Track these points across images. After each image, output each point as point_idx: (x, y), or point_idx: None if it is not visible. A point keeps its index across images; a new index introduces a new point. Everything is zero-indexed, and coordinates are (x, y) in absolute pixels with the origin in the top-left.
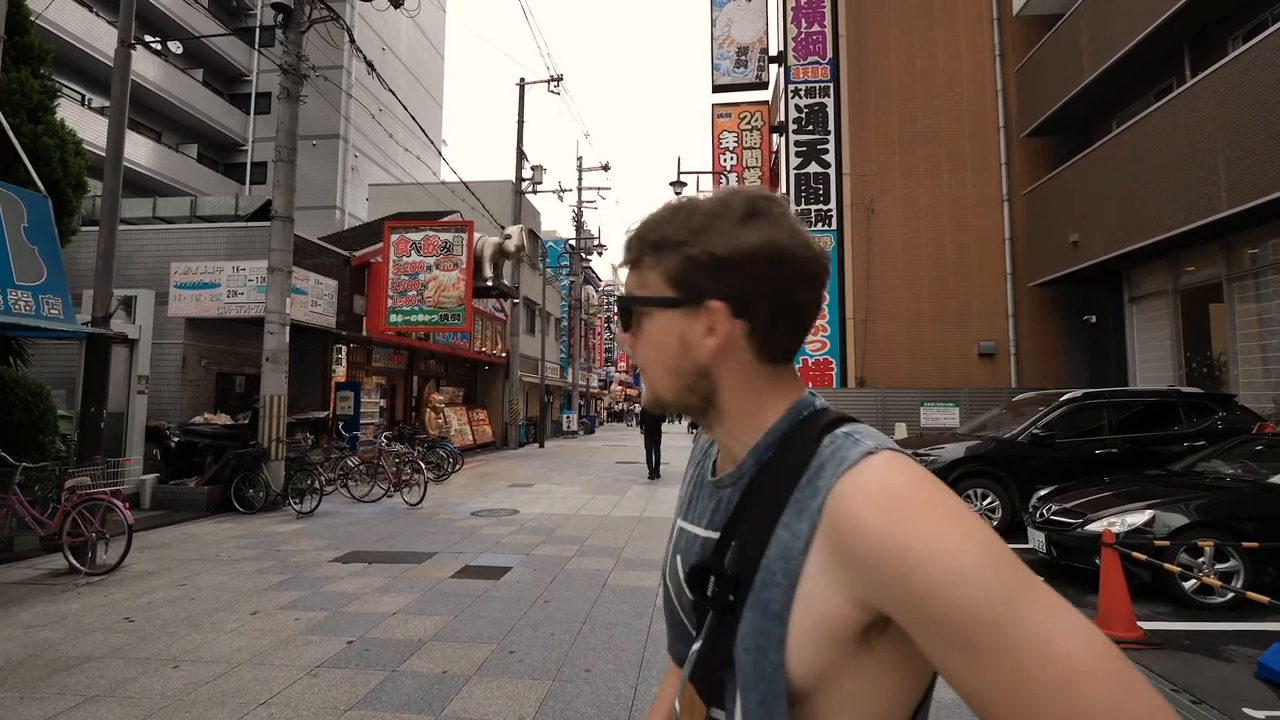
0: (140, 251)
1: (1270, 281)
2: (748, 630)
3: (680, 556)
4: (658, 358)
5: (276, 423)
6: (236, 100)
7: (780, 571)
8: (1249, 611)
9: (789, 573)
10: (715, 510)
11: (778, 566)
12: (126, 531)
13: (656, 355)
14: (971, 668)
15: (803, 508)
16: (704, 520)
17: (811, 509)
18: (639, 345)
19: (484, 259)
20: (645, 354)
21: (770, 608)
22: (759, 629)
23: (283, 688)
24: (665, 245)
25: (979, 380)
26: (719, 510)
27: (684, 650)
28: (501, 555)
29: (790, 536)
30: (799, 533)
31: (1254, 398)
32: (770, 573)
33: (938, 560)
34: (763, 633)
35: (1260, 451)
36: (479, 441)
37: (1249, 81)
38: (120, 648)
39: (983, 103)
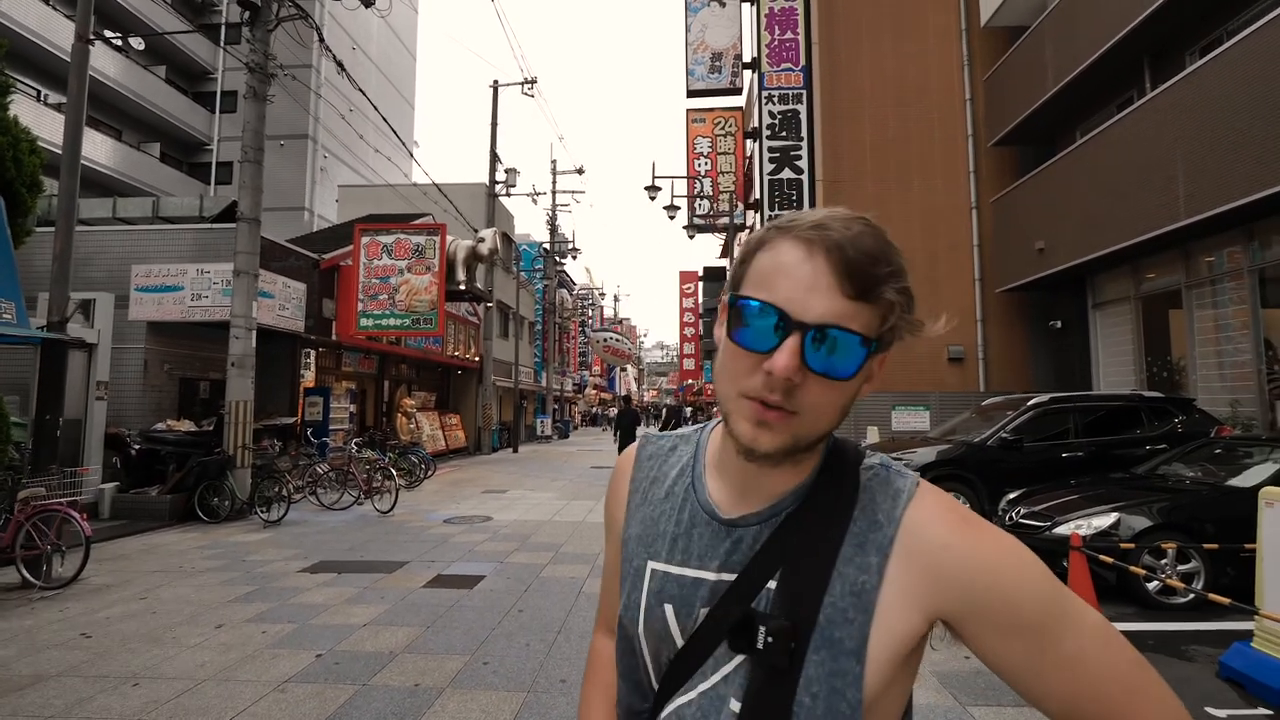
0: (100, 253)
1: (1226, 289)
2: (816, 674)
3: (671, 605)
4: (843, 400)
5: (242, 429)
6: (201, 98)
7: (853, 607)
8: (1210, 612)
9: (863, 607)
10: (732, 551)
11: (848, 603)
12: (84, 543)
13: (846, 400)
14: (1039, 648)
15: (864, 541)
16: (711, 563)
17: (879, 540)
18: (836, 388)
19: (457, 262)
20: (835, 397)
21: (844, 645)
22: (833, 670)
23: (249, 704)
24: (894, 281)
25: (949, 384)
26: (736, 551)
27: (636, 705)
28: (475, 564)
29: (857, 571)
30: (867, 566)
31: (1211, 401)
32: (839, 610)
33: (1019, 568)
34: (838, 674)
35: (1218, 455)
36: (452, 447)
37: (1205, 95)
38: (77, 665)
39: (952, 112)
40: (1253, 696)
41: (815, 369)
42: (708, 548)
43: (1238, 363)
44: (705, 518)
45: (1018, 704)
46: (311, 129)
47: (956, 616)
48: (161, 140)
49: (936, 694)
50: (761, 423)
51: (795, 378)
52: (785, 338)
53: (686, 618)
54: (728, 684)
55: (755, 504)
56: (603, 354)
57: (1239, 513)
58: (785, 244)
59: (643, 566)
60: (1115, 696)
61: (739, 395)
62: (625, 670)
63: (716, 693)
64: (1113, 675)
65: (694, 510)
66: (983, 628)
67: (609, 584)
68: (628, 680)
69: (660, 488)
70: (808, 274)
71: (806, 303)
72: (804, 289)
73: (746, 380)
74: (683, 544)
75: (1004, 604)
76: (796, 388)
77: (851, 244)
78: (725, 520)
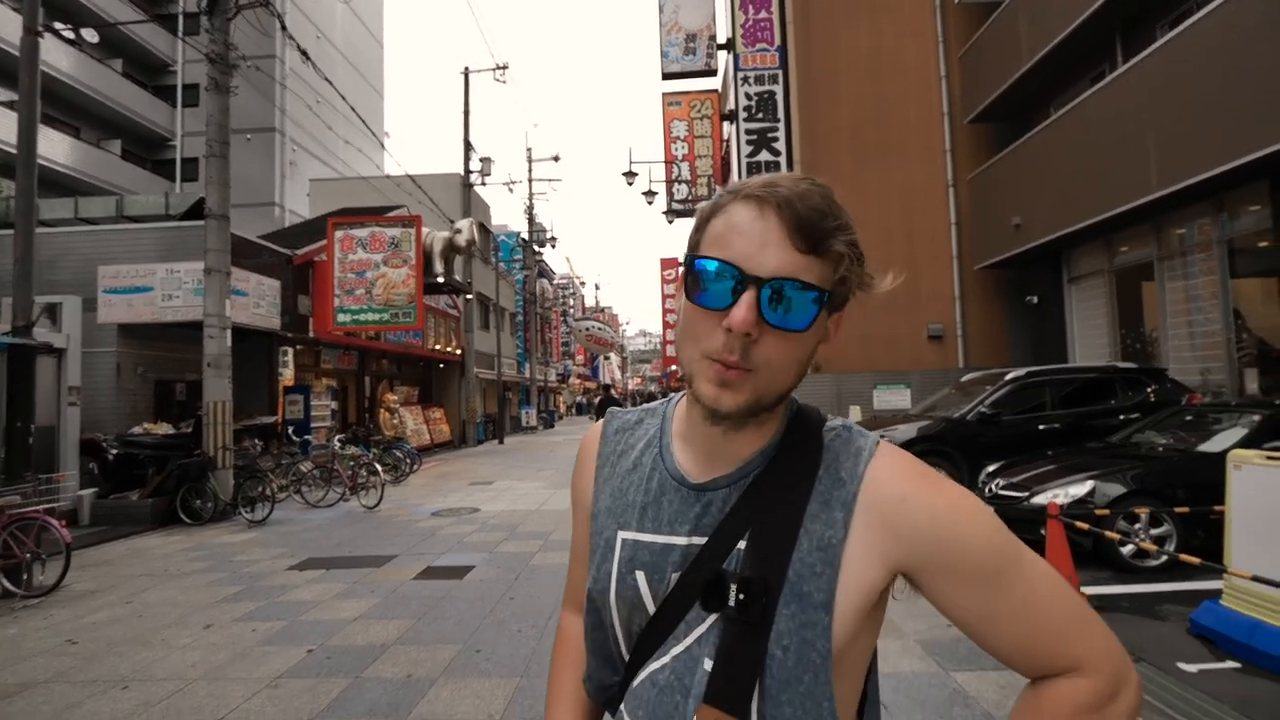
0: (64, 255)
1: (1196, 260)
2: (786, 627)
3: (643, 572)
4: (800, 354)
5: (222, 430)
6: (161, 92)
7: (820, 561)
8: (1181, 572)
9: (830, 561)
10: (702, 515)
11: (815, 558)
12: (64, 550)
13: (803, 354)
14: (995, 593)
15: (829, 498)
16: (682, 527)
17: (842, 497)
18: (792, 340)
19: (434, 254)
20: (791, 351)
21: (813, 598)
22: (803, 623)
23: (241, 701)
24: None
25: (929, 362)
26: (706, 515)
27: (607, 679)
28: (464, 554)
29: (823, 527)
30: (833, 521)
31: (1182, 371)
32: (807, 565)
33: (973, 518)
34: (808, 625)
35: (1189, 422)
36: (436, 441)
37: (1175, 68)
38: (64, 671)
39: (927, 90)
40: (1222, 651)
41: (772, 322)
42: (678, 514)
43: (1207, 332)
44: (674, 485)
45: (999, 667)
46: (278, 121)
47: (915, 567)
48: (122, 137)
49: (921, 661)
50: (724, 383)
51: (753, 332)
52: (742, 293)
53: (659, 583)
54: (700, 645)
55: (723, 468)
56: (585, 343)
57: (1209, 477)
58: (736, 205)
59: (613, 537)
60: (1064, 633)
61: (701, 356)
62: (594, 645)
63: (690, 654)
64: (1060, 613)
65: (663, 478)
66: (940, 577)
67: (576, 562)
68: (597, 654)
69: (627, 459)
70: (760, 231)
71: (760, 258)
72: (757, 245)
73: (707, 341)
74: (653, 512)
75: (959, 552)
76: (754, 344)
77: (800, 199)
78: (694, 486)
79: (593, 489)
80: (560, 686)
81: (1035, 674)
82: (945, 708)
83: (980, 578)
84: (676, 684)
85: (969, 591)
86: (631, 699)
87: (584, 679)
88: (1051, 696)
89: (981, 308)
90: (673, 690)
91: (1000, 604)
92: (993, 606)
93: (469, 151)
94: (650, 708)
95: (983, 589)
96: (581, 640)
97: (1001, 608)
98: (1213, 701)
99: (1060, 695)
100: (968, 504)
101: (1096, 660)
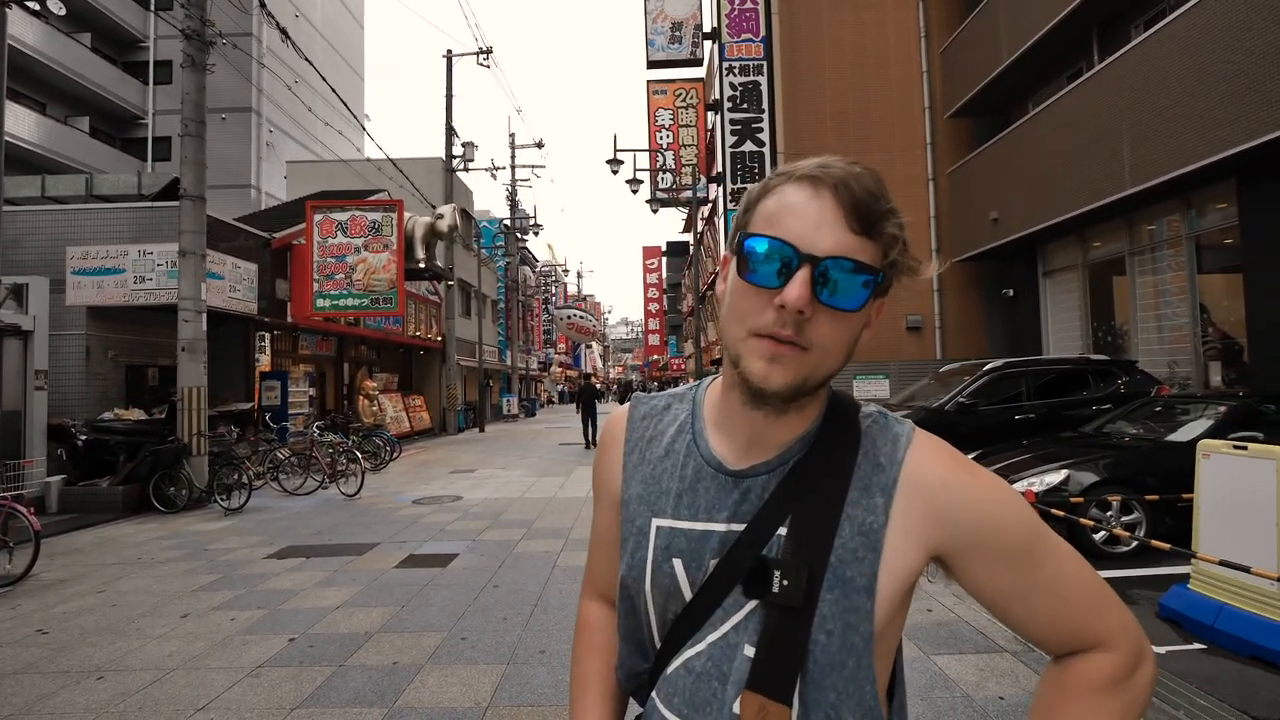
0: (30, 234)
1: (1165, 256)
2: (830, 612)
3: (680, 560)
4: (849, 336)
5: (197, 416)
6: (132, 69)
7: (862, 546)
8: (1151, 558)
9: (872, 545)
10: (740, 502)
11: (857, 543)
12: (32, 538)
13: (852, 336)
14: (1028, 572)
15: (869, 484)
16: (719, 514)
17: (882, 482)
18: (844, 321)
19: (415, 239)
20: (842, 332)
21: (856, 583)
22: (846, 607)
23: (222, 690)
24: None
25: (907, 353)
26: (745, 501)
27: (638, 666)
28: (447, 542)
29: (865, 512)
30: (874, 507)
31: (1152, 363)
32: (849, 550)
33: (1008, 501)
34: (851, 609)
35: (1159, 412)
36: (416, 428)
37: (1149, 67)
38: (35, 662)
39: (910, 83)
40: (1189, 633)
41: (825, 301)
42: (715, 500)
43: (1175, 326)
44: (711, 471)
45: (977, 651)
46: (255, 101)
47: (953, 550)
48: (91, 114)
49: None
50: (774, 358)
51: (806, 309)
52: (796, 271)
53: (696, 570)
54: (739, 632)
55: (762, 455)
56: (567, 331)
57: (1178, 465)
58: (790, 186)
59: (646, 524)
60: (1090, 610)
61: (749, 335)
62: (627, 632)
63: (727, 641)
64: (1086, 591)
65: (698, 465)
66: (977, 559)
67: (598, 549)
68: (629, 641)
69: (658, 446)
70: (815, 211)
71: (815, 237)
72: (812, 225)
73: (757, 319)
74: (688, 499)
75: (996, 534)
76: (807, 322)
77: (855, 181)
78: (733, 472)
79: (621, 476)
80: (585, 674)
81: (1062, 651)
82: (926, 690)
83: (1015, 558)
84: (714, 670)
85: (1004, 572)
86: (665, 686)
87: (616, 666)
88: (1078, 672)
89: (959, 300)
90: (710, 677)
91: (1033, 583)
92: (1026, 586)
93: (451, 136)
94: (687, 695)
95: (1017, 569)
96: (603, 626)
97: (1034, 586)
98: (1179, 682)
99: (1087, 670)
100: (1001, 488)
101: (1119, 636)
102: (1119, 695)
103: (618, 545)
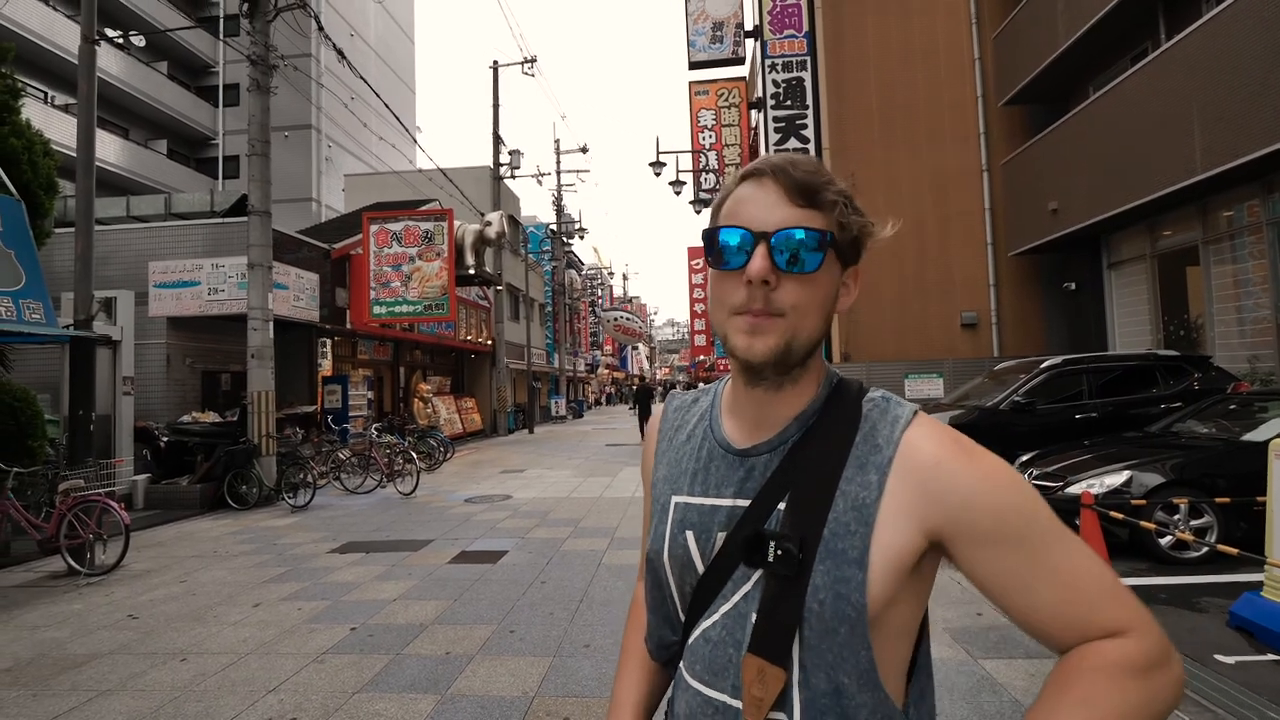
0: (117, 252)
1: (1245, 244)
2: (822, 582)
3: (692, 532)
4: (821, 300)
5: (265, 418)
6: (204, 93)
7: (854, 520)
8: (1221, 564)
9: (864, 520)
10: (745, 479)
11: (850, 517)
12: (124, 532)
13: (821, 297)
14: (1029, 559)
15: (865, 462)
16: (727, 490)
17: (878, 461)
18: (808, 283)
19: (465, 247)
20: (810, 294)
21: (848, 555)
22: (837, 577)
23: (290, 674)
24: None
25: (962, 350)
26: (750, 478)
27: (667, 637)
28: (497, 540)
29: (859, 489)
30: (868, 484)
31: (1229, 358)
32: (842, 524)
33: (1008, 485)
34: (842, 580)
35: (1233, 410)
36: (468, 430)
37: (1223, 43)
38: (127, 644)
39: (960, 72)
40: (1261, 644)
41: (784, 268)
42: (724, 478)
43: (1257, 319)
44: (721, 452)
45: (1028, 655)
46: (314, 119)
47: (950, 533)
48: (168, 137)
49: (950, 649)
50: (753, 330)
51: (770, 278)
52: (754, 249)
53: (706, 543)
54: (747, 601)
55: (765, 434)
56: (614, 333)
57: (1252, 467)
58: (740, 186)
59: (667, 502)
60: (1099, 602)
61: (730, 315)
62: (654, 604)
63: (737, 611)
64: (1094, 582)
65: (711, 447)
66: (974, 544)
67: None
68: (658, 614)
69: (683, 433)
70: (761, 197)
71: (765, 217)
72: (762, 208)
73: (733, 298)
74: (702, 477)
75: (994, 518)
76: (774, 291)
77: (791, 165)
78: (738, 451)
79: (653, 462)
80: (628, 646)
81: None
82: (973, 694)
83: (1014, 544)
84: (728, 638)
85: (1003, 558)
86: (689, 655)
87: (645, 637)
88: (1094, 652)
89: (1016, 295)
90: (725, 644)
91: (1035, 570)
92: (1028, 573)
93: (498, 144)
94: (706, 662)
95: (1017, 555)
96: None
97: (1037, 574)
98: (1249, 694)
99: (1104, 650)
100: (1002, 471)
101: (1137, 625)
102: (1136, 683)
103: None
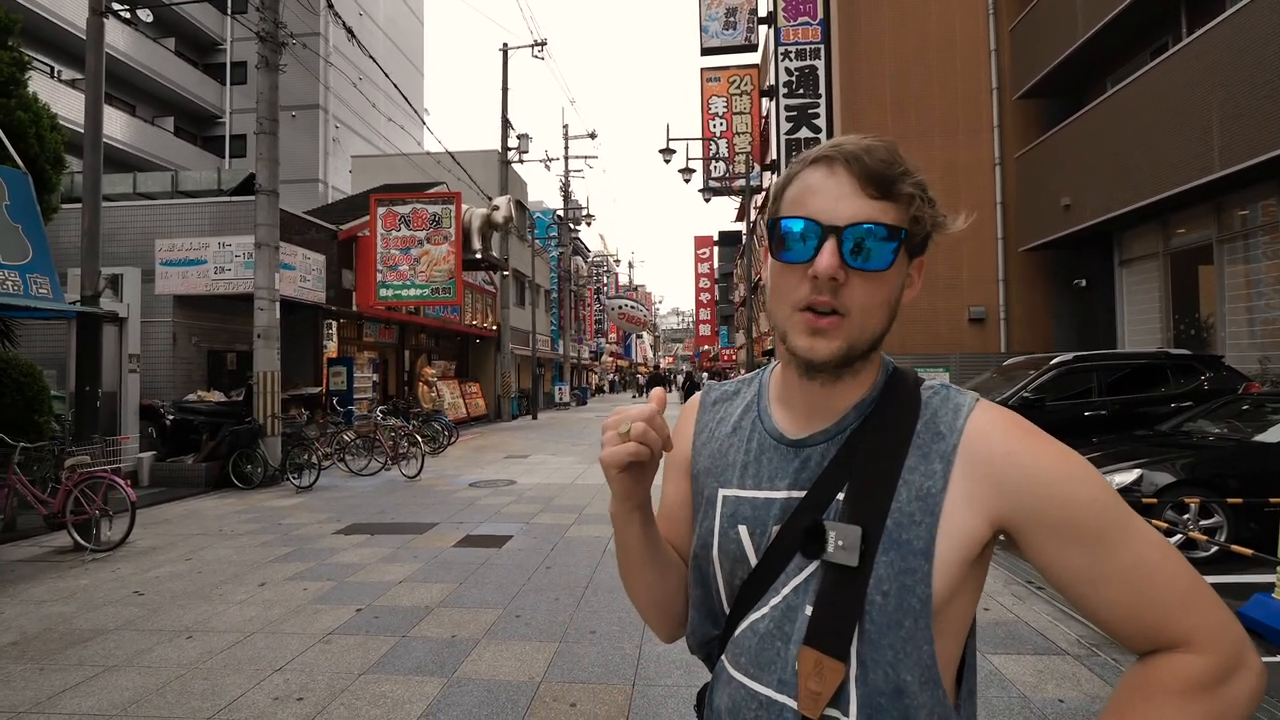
0: (123, 229)
1: (1260, 243)
2: (886, 574)
3: (745, 526)
4: (888, 297)
5: (271, 398)
6: (211, 70)
7: (919, 510)
8: (1232, 564)
9: (930, 510)
10: (801, 470)
11: (914, 507)
12: (129, 508)
13: (888, 294)
14: (1101, 554)
15: (928, 450)
16: (781, 482)
17: (941, 449)
18: (877, 281)
19: (472, 231)
20: (878, 292)
21: (913, 545)
22: (902, 569)
23: (296, 654)
24: (909, 178)
25: (969, 345)
26: (805, 469)
27: (708, 633)
28: (501, 524)
29: (922, 477)
30: (931, 472)
31: (1240, 358)
32: (906, 514)
33: (1081, 476)
34: (907, 571)
35: (1245, 410)
36: (472, 414)
37: (1245, 39)
38: (133, 620)
39: (976, 64)
40: (1271, 645)
41: (854, 264)
42: (777, 469)
43: (1269, 319)
44: (773, 443)
45: (1036, 652)
46: (322, 99)
47: (1018, 523)
48: (175, 114)
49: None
50: (816, 330)
51: (838, 275)
52: (823, 243)
53: (760, 536)
54: (799, 594)
55: (820, 424)
56: (618, 321)
57: (1264, 467)
58: (808, 170)
59: (714, 495)
60: (1174, 604)
61: (792, 310)
62: (696, 601)
63: (788, 603)
64: (1170, 582)
65: (761, 438)
66: (1042, 535)
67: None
68: (700, 610)
69: (726, 425)
70: (833, 186)
71: (836, 209)
72: (832, 199)
73: (796, 293)
74: (753, 470)
75: (1064, 510)
76: (841, 287)
77: (866, 153)
78: (792, 442)
79: (691, 453)
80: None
81: (1141, 647)
82: (980, 689)
83: (1086, 537)
84: (777, 631)
85: (1073, 551)
86: (733, 647)
87: (687, 634)
88: (1157, 670)
89: (1026, 290)
90: (773, 637)
91: (1106, 567)
92: (1098, 569)
93: (507, 128)
94: (752, 654)
95: (1088, 549)
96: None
97: (1107, 571)
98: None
99: (1168, 669)
100: (1075, 461)
101: (1210, 636)
102: (1202, 702)
103: (677, 517)
